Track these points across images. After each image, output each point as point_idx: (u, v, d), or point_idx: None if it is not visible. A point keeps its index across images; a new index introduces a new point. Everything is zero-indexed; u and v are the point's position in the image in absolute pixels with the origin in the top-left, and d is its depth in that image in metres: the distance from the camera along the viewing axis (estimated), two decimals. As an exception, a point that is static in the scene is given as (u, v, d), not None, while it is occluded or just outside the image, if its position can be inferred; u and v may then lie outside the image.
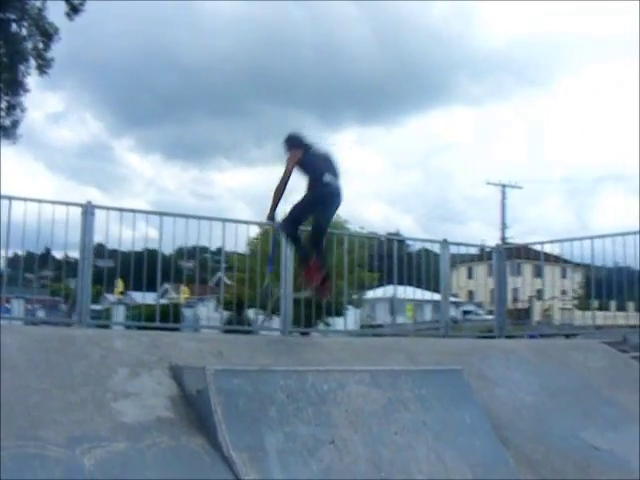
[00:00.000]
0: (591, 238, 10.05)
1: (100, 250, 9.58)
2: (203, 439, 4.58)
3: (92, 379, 4.74)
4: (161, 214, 7.76)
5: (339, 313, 12.43)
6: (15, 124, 18.79)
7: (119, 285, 15.93)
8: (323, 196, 7.11)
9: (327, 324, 12.89)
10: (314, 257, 7.02)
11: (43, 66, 18.40)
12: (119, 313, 16.76)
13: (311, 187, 7.17)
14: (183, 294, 15.80)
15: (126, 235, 8.89)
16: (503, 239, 46.44)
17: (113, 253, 10.28)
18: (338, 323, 13.26)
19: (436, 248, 10.26)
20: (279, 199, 7.31)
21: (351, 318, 14.09)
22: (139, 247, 9.22)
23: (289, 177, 7.19)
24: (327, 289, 7.05)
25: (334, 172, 7.21)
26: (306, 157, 7.15)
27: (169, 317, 9.08)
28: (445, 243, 9.52)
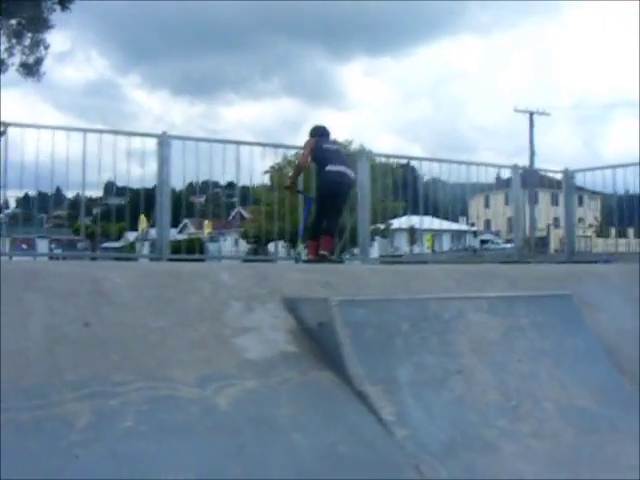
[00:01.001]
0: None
1: (110, 187, 9.35)
2: (332, 373, 4.33)
3: (207, 315, 4.47)
4: (237, 142, 7.44)
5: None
6: (39, 61, 18.09)
7: (143, 221, 15.66)
8: (326, 183, 8.22)
9: (353, 255, 12.71)
10: (321, 238, 8.11)
11: (65, 1, 17.52)
12: (145, 249, 16.40)
13: (318, 174, 8.40)
14: (207, 229, 15.56)
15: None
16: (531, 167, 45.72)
17: (122, 190, 10.03)
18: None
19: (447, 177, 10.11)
20: (298, 174, 8.78)
21: (375, 249, 13.89)
22: (150, 183, 8.96)
23: (305, 161, 8.53)
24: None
25: (341, 162, 8.29)
26: (319, 147, 8.29)
27: (194, 251, 9.34)
28: (515, 168, 9.21)
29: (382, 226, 13.82)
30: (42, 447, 3.45)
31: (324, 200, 8.38)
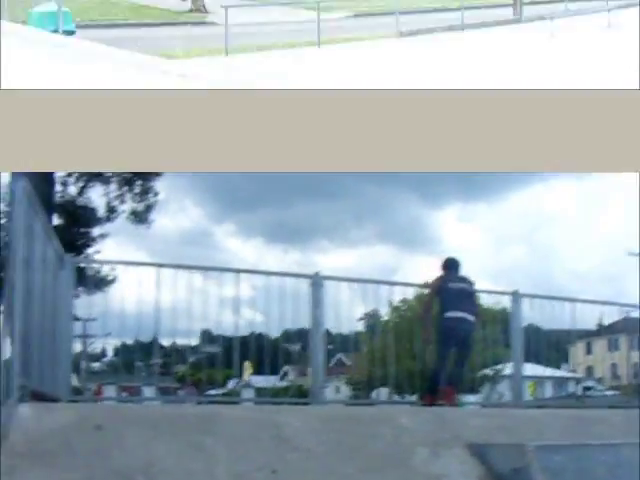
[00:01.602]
0: None
1: (205, 335, 9.33)
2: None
3: (394, 461, 4.25)
4: (386, 283, 7.50)
5: (474, 390, 11.82)
6: (149, 209, 17.85)
7: (248, 368, 15.61)
8: (443, 330, 7.75)
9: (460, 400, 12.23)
10: (441, 390, 7.56)
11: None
12: (249, 395, 16.24)
13: (437, 318, 7.95)
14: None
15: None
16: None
17: (218, 338, 9.99)
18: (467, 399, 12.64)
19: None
20: (428, 322, 8.17)
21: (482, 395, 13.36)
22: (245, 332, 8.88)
23: (430, 302, 8.11)
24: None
25: (461, 307, 7.77)
26: (443, 285, 7.91)
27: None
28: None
29: (491, 372, 13.37)
30: None
31: (442, 349, 7.94)
